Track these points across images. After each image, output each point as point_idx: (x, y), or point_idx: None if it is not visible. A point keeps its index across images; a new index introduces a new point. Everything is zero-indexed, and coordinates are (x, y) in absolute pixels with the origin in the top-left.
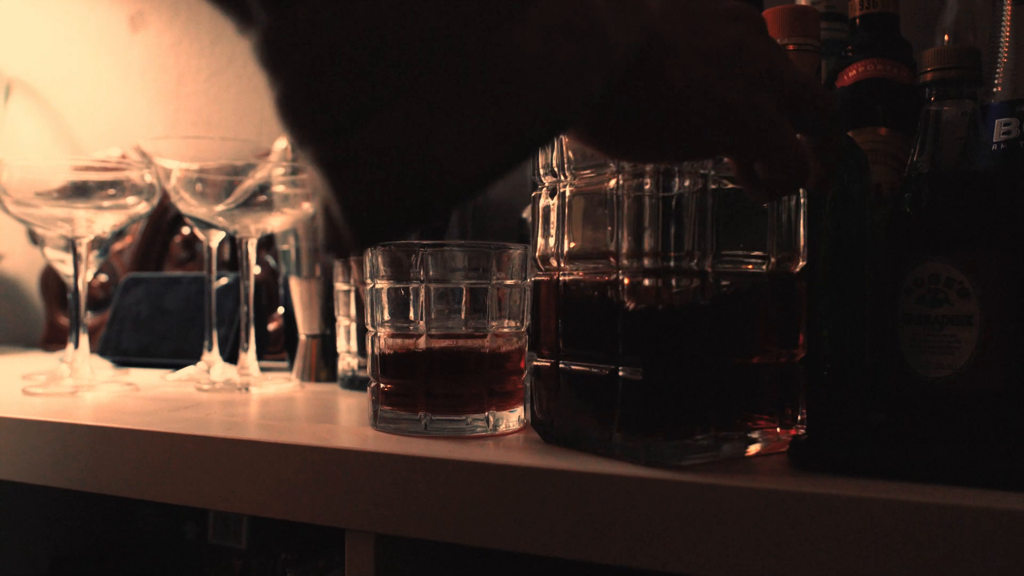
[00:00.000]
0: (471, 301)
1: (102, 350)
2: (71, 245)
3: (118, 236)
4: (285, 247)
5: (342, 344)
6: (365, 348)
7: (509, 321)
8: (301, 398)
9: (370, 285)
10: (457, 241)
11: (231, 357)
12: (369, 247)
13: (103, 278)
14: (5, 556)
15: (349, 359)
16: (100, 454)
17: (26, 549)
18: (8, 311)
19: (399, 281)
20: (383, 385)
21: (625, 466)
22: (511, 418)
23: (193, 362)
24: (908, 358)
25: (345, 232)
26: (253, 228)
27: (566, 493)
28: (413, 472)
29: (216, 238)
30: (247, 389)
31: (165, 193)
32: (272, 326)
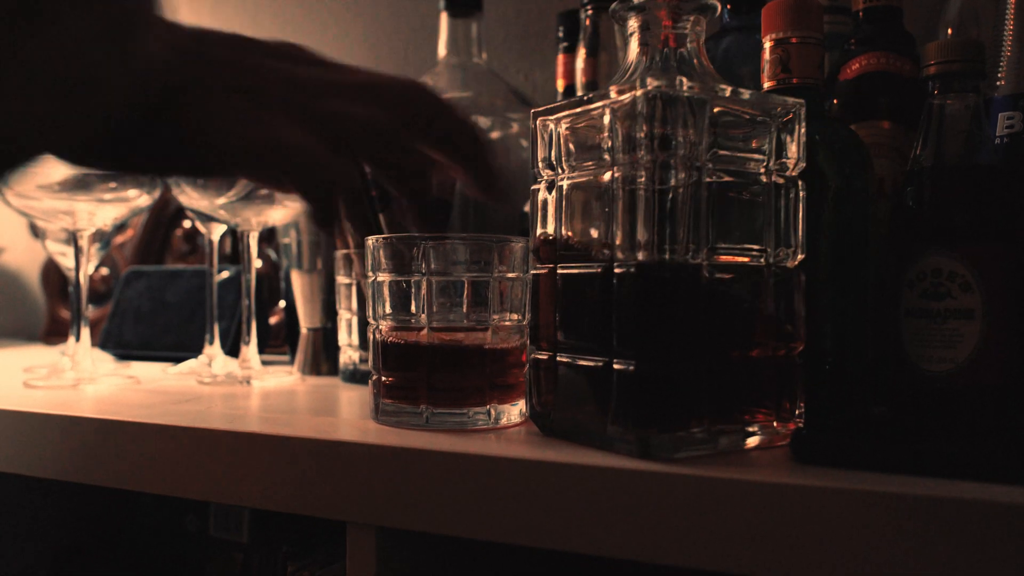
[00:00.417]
0: (473, 294)
1: (103, 343)
2: (72, 238)
3: (119, 229)
4: (286, 240)
5: (343, 337)
6: (366, 341)
7: (511, 314)
8: (302, 391)
9: (371, 278)
10: (459, 234)
11: (232, 350)
12: None
13: (104, 271)
14: (7, 548)
15: (350, 352)
16: (101, 447)
17: (28, 541)
18: (9, 304)
19: (400, 274)
20: (384, 378)
21: (621, 459)
22: (512, 411)
23: (194, 355)
24: (910, 352)
25: None
26: (254, 221)
27: (564, 486)
28: (414, 465)
29: (217, 231)
30: (248, 382)
31: (166, 186)
32: (273, 319)
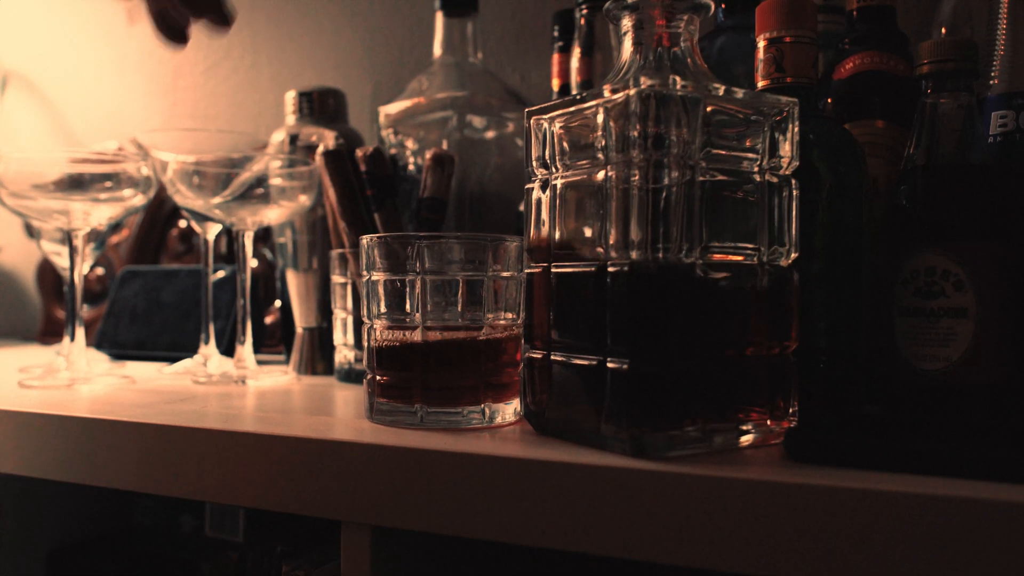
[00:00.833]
0: (467, 293)
1: (99, 343)
2: (67, 238)
3: (115, 229)
4: (282, 240)
5: (339, 337)
6: (362, 340)
7: (505, 313)
8: (298, 391)
9: (366, 277)
10: (453, 233)
11: (228, 350)
12: None
13: (100, 271)
14: (2, 549)
15: (346, 352)
16: (96, 447)
17: (22, 542)
18: (4, 304)
19: (395, 273)
20: (379, 377)
21: (615, 458)
22: (507, 410)
23: (190, 355)
24: (904, 350)
25: None
26: (250, 221)
27: (558, 485)
28: (409, 464)
29: (213, 231)
30: (244, 382)
31: (162, 186)
32: (269, 319)
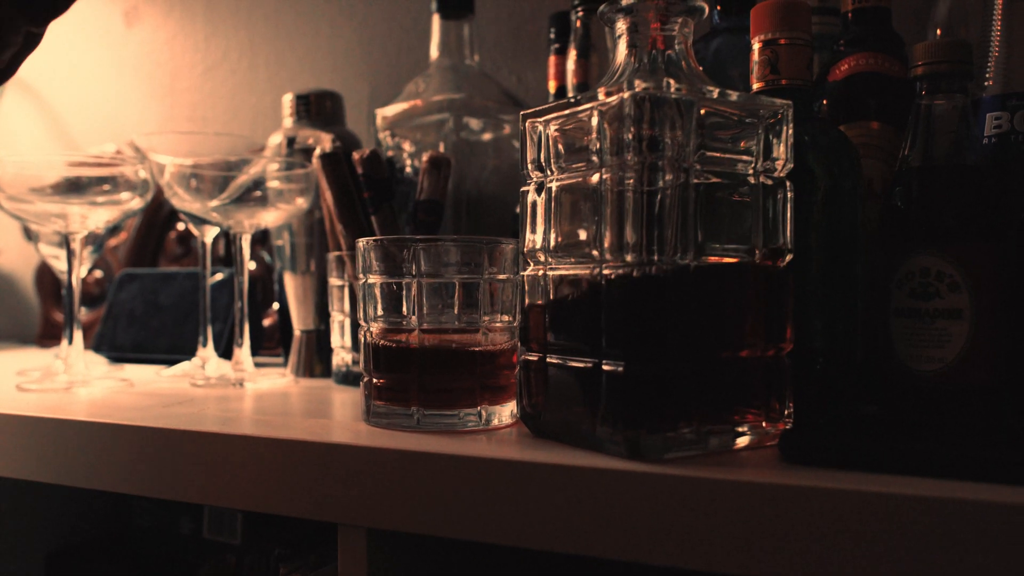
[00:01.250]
0: (464, 296)
1: (97, 346)
2: (65, 241)
3: (113, 232)
4: (280, 242)
5: (336, 339)
6: (359, 343)
7: (502, 316)
8: (295, 393)
9: (362, 280)
10: (450, 236)
11: (226, 353)
12: None
13: (98, 274)
14: (0, 551)
15: (343, 354)
16: (95, 450)
17: (21, 545)
18: (3, 307)
19: (391, 276)
20: (376, 380)
21: (611, 460)
22: (503, 412)
23: (188, 358)
24: (899, 351)
25: None
26: (247, 224)
27: (554, 487)
28: (405, 467)
29: (210, 234)
30: (241, 384)
31: (160, 189)
32: (267, 322)
